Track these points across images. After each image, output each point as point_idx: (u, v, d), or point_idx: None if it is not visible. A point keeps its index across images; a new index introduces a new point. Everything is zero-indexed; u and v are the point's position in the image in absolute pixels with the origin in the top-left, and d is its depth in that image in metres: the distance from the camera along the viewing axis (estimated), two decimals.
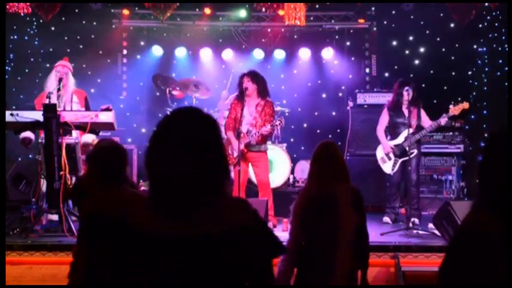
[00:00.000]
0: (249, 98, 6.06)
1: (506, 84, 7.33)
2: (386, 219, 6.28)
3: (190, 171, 1.71)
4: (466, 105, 6.05)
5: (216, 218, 1.71)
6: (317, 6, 8.58)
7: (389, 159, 6.33)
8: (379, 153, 6.43)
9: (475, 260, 1.77)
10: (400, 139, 6.26)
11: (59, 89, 5.72)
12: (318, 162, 3.36)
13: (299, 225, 3.20)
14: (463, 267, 1.80)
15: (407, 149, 6.02)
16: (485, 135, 8.03)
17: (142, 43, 9.32)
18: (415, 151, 6.13)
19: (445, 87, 8.56)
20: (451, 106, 6.12)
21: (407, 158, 6.06)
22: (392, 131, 6.38)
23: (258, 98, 6.07)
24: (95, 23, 8.76)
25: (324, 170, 3.29)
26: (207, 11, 8.60)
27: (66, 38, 8.60)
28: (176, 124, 1.78)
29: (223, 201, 1.77)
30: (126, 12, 8.70)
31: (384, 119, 6.42)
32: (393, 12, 8.62)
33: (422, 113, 6.29)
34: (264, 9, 8.22)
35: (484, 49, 8.36)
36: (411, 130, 6.02)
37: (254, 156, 6.03)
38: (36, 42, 8.65)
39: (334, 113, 9.18)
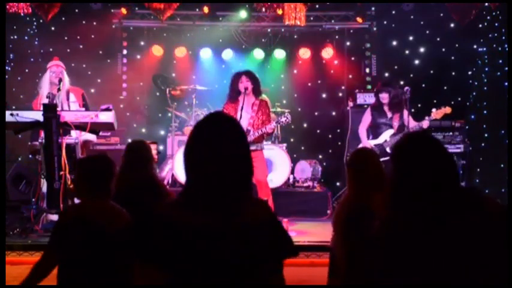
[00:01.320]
0: (247, 97, 6.02)
1: (506, 84, 7.34)
2: None
3: (226, 170, 1.90)
4: (448, 109, 6.06)
5: (243, 212, 1.90)
6: (317, 6, 8.58)
7: None
8: None
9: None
10: (381, 139, 6.28)
11: (59, 89, 5.72)
12: (350, 170, 3.24)
13: (339, 234, 3.15)
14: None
15: (387, 149, 6.07)
16: (486, 135, 8.04)
17: (142, 43, 9.31)
18: None
19: (445, 87, 8.56)
20: (433, 110, 6.12)
21: (387, 158, 6.11)
22: (374, 131, 6.41)
23: (253, 97, 6.05)
24: (95, 23, 8.75)
25: (358, 179, 3.17)
26: (206, 9, 8.58)
27: (66, 38, 8.60)
28: (212, 128, 1.96)
29: (249, 198, 1.97)
30: (124, 11, 8.68)
31: (367, 119, 6.45)
32: (393, 12, 8.61)
33: (406, 114, 6.24)
34: (264, 9, 8.22)
35: (484, 49, 8.36)
36: (392, 131, 6.10)
37: (252, 155, 6.00)
38: (36, 42, 8.65)
39: (334, 113, 9.18)
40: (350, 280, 3.04)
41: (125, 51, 9.21)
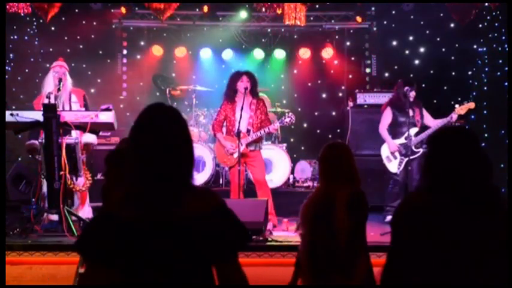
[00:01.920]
0: (246, 97, 6.02)
1: (506, 84, 7.34)
2: (390, 218, 6.18)
3: (162, 165, 1.88)
4: (472, 105, 6.07)
5: (183, 204, 1.86)
6: (317, 6, 8.58)
7: (395, 158, 6.29)
8: (384, 152, 6.37)
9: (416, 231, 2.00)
10: (405, 138, 6.24)
11: (59, 89, 5.71)
12: (321, 164, 3.29)
13: (305, 227, 3.18)
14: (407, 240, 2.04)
15: (413, 148, 6.06)
16: (486, 135, 8.03)
17: (142, 43, 9.32)
18: (421, 150, 6.13)
19: (445, 87, 8.56)
20: (457, 106, 6.12)
21: (414, 156, 6.09)
22: (395, 130, 6.34)
23: (250, 97, 6.05)
24: (95, 23, 8.76)
25: (327, 172, 3.23)
26: (205, 8, 8.59)
27: (66, 38, 8.60)
28: (149, 122, 1.95)
29: (190, 191, 1.92)
30: (123, 10, 8.67)
31: (388, 118, 6.35)
32: (393, 12, 8.61)
33: (425, 111, 6.31)
34: (264, 9, 8.22)
35: (484, 49, 8.35)
36: (417, 129, 6.08)
37: (250, 155, 6.01)
38: (36, 42, 8.65)
39: (334, 113, 9.18)
40: (313, 278, 3.04)
41: (125, 51, 9.22)
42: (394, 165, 6.30)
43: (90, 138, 5.82)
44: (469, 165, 2.07)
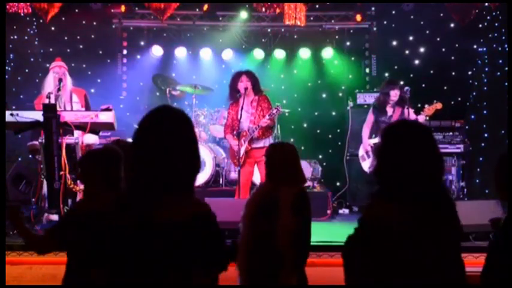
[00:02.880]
0: (246, 97, 6.06)
1: (506, 84, 7.33)
2: None
3: (159, 170, 1.85)
4: (439, 105, 6.11)
5: (169, 210, 1.82)
6: (317, 6, 8.58)
7: (369, 157, 6.36)
8: (360, 151, 6.51)
9: (380, 248, 1.99)
10: (378, 138, 6.28)
11: (59, 89, 5.71)
12: (266, 164, 3.34)
13: (246, 225, 3.17)
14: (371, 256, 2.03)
15: None
16: (486, 135, 8.03)
17: (142, 43, 9.31)
18: None
19: (445, 87, 8.55)
20: (426, 106, 6.17)
21: None
22: (376, 130, 6.41)
23: (253, 94, 6.10)
24: (95, 23, 8.75)
25: (271, 173, 3.28)
26: (205, 7, 8.58)
27: (66, 38, 8.60)
28: (152, 126, 1.94)
29: (182, 199, 1.87)
30: (123, 9, 8.66)
31: (370, 118, 6.48)
32: (393, 12, 8.61)
33: (409, 111, 6.27)
34: (264, 9, 8.22)
35: (484, 49, 8.35)
36: None
37: (257, 153, 6.03)
38: (36, 42, 8.64)
39: (334, 113, 9.17)
40: (251, 276, 3.04)
41: (125, 51, 9.21)
42: (366, 164, 6.39)
43: (91, 139, 5.82)
44: (419, 162, 2.02)
